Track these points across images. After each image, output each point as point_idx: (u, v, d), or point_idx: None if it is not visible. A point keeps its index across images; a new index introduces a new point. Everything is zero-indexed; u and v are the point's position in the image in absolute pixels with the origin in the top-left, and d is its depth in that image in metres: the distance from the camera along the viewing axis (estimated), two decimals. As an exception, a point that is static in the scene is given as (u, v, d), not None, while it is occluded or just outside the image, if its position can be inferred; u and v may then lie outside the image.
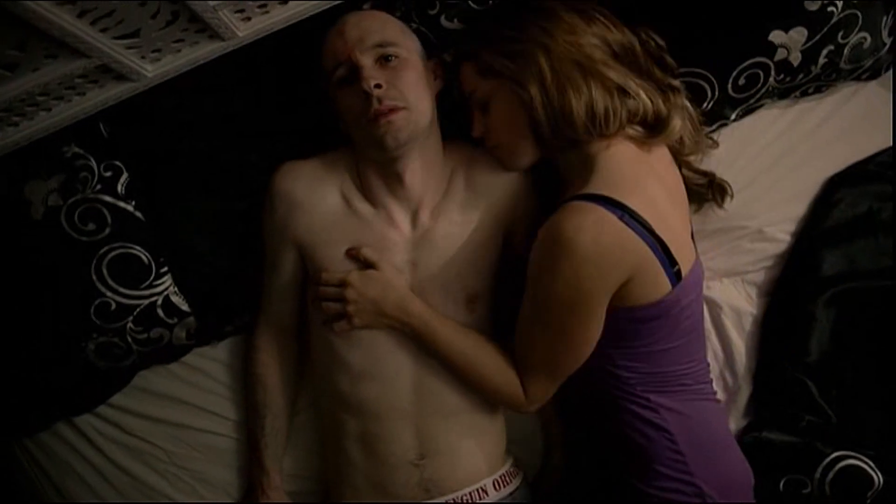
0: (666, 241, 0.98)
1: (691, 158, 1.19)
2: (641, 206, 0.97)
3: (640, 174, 1.03)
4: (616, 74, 1.05)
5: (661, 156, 1.12)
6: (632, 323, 1.03)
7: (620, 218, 0.95)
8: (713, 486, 1.05)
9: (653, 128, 1.08)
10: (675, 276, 1.01)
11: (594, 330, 1.02)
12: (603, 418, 1.11)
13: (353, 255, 1.14)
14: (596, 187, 0.99)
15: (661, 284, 1.00)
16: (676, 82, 1.13)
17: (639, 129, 1.07)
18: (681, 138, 1.14)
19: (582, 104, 1.03)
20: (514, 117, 1.07)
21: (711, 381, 1.16)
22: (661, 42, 1.13)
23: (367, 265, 1.12)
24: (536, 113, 1.04)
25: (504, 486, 1.19)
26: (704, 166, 1.24)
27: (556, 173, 1.14)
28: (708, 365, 1.16)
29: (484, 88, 1.10)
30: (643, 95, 1.06)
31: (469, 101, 1.15)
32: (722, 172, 1.25)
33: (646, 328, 1.03)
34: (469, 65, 1.12)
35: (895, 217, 1.29)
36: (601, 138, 1.05)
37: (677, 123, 1.09)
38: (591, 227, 0.94)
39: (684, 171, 1.19)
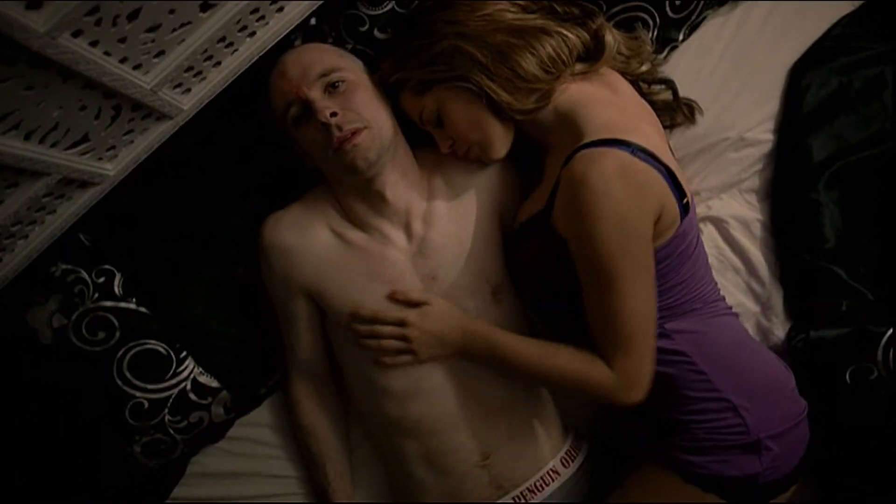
0: (673, 171, 0.99)
1: (644, 70, 1.19)
2: (642, 141, 0.97)
3: (627, 112, 1.04)
4: (537, 22, 1.06)
5: (626, 92, 1.13)
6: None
7: (633, 153, 0.95)
8: (744, 395, 1.05)
9: (593, 54, 1.09)
10: (684, 209, 1.01)
11: (652, 277, 1.00)
12: None
13: (398, 298, 1.12)
14: (594, 134, 0.99)
15: (674, 219, 1.01)
16: (591, 7, 1.14)
17: (582, 64, 1.09)
18: (622, 54, 1.15)
19: (528, 57, 1.04)
20: (471, 111, 1.08)
21: (723, 297, 1.17)
22: None
23: (414, 305, 1.11)
24: (492, 92, 1.04)
25: (572, 462, 1.19)
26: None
27: (534, 142, 1.14)
28: (716, 283, 1.16)
29: (428, 104, 1.10)
30: (568, 32, 1.07)
31: (425, 127, 1.14)
32: (687, 92, 1.25)
33: (661, 268, 1.03)
34: (404, 93, 1.12)
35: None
36: (559, 82, 1.06)
37: (610, 38, 1.10)
38: (613, 167, 0.94)
39: (646, 89, 1.20)
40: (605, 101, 1.06)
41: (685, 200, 1.01)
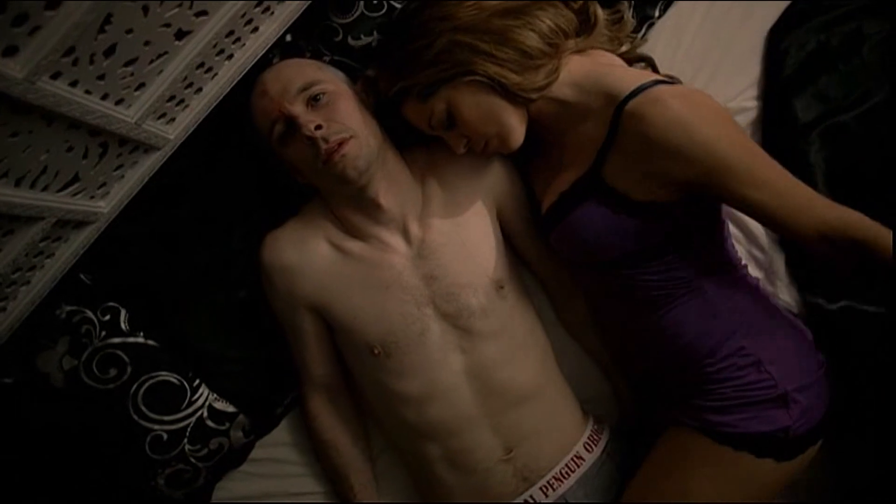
0: None
1: (625, 50, 1.18)
2: None
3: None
4: (525, 3, 1.05)
5: (622, 65, 1.14)
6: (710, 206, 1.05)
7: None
8: (769, 350, 1.05)
9: (583, 27, 1.10)
10: None
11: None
12: (652, 325, 1.09)
13: None
14: (632, 83, 0.99)
15: None
16: None
17: (576, 39, 1.09)
18: (604, 35, 1.14)
19: (529, 34, 1.03)
20: (483, 103, 1.05)
21: (741, 258, 1.17)
22: None
23: None
24: (502, 77, 1.03)
25: (595, 445, 1.19)
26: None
27: (546, 129, 1.13)
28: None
29: (437, 106, 1.07)
30: (557, 8, 1.07)
31: (436, 132, 1.12)
32: (668, 68, 1.25)
33: (703, 224, 1.04)
34: (408, 102, 1.10)
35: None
36: (562, 54, 1.06)
37: (597, 10, 1.11)
38: (675, 95, 0.95)
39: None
40: (613, 65, 1.08)
41: None
